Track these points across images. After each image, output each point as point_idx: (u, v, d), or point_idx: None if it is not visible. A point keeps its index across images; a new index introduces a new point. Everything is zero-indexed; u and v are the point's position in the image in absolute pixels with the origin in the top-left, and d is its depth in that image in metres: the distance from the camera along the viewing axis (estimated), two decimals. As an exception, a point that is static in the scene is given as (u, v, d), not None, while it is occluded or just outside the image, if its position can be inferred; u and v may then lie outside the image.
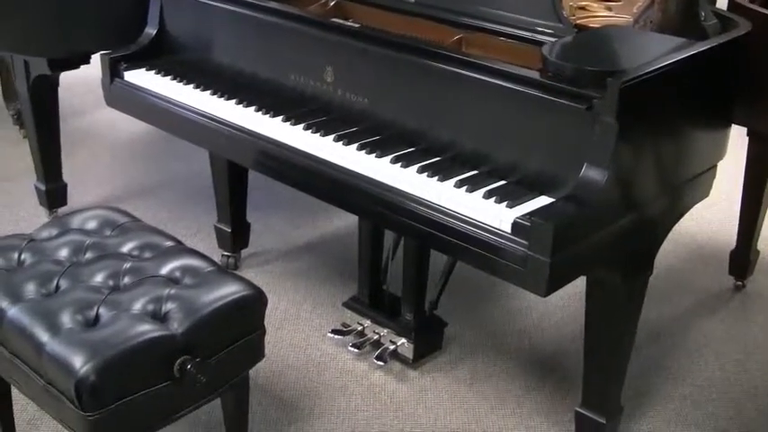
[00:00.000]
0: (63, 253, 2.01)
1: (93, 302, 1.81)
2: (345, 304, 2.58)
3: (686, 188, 2.08)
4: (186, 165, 3.69)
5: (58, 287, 1.88)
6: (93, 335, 1.71)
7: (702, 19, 2.13)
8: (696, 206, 2.18)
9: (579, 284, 2.01)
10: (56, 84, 3.02)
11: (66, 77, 3.01)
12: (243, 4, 2.36)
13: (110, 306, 1.80)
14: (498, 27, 2.09)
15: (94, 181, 3.56)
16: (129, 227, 2.14)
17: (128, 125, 3.96)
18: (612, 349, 2.09)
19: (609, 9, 2.33)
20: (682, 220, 2.17)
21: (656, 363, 2.56)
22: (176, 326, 1.76)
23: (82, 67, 2.96)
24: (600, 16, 2.28)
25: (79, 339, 1.69)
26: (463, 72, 1.92)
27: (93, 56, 2.94)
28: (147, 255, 2.02)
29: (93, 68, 2.85)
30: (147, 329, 1.72)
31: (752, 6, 2.45)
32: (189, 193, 3.48)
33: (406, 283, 2.43)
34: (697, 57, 1.93)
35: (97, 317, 1.78)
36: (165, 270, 1.94)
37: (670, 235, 2.15)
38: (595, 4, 2.36)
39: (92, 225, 2.14)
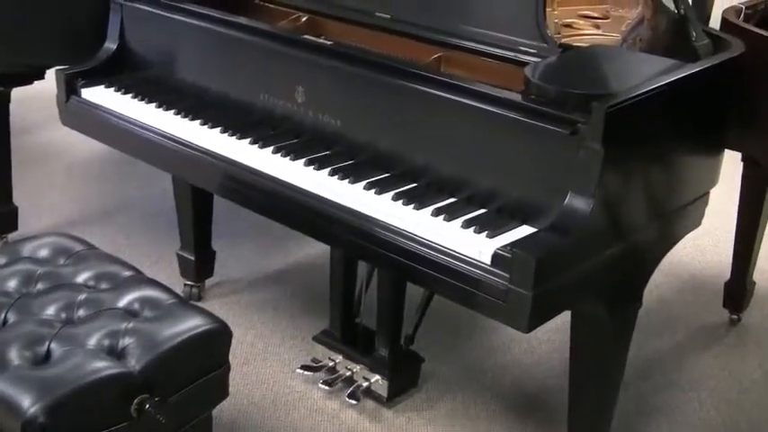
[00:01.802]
0: (12, 283, 2.00)
1: (45, 337, 1.80)
2: (316, 338, 2.58)
3: (677, 217, 2.11)
4: (146, 187, 3.69)
5: (5, 321, 1.88)
6: (44, 372, 1.70)
7: (694, 39, 2.17)
8: (688, 235, 2.21)
9: (564, 317, 2.03)
10: (7, 99, 3.02)
11: (18, 92, 3.01)
12: (209, 18, 2.38)
13: (62, 341, 1.79)
14: (479, 46, 2.12)
15: (47, 204, 3.55)
16: (85, 255, 2.14)
17: (84, 144, 3.93)
18: (599, 387, 2.11)
19: (596, 27, 2.37)
20: (673, 249, 2.20)
21: (645, 401, 2.58)
22: (134, 362, 1.76)
23: (35, 82, 2.97)
24: (587, 34, 2.32)
25: (28, 377, 1.68)
26: (441, 93, 1.94)
27: (47, 71, 2.95)
28: (104, 285, 2.02)
29: (48, 83, 2.85)
30: (103, 366, 1.72)
31: (746, 26, 2.49)
32: (149, 217, 3.47)
33: (380, 317, 2.44)
34: (688, 79, 1.96)
35: (48, 353, 1.78)
36: (122, 302, 1.94)
37: (660, 266, 2.17)
38: (582, 22, 2.39)
39: (44, 253, 2.14)
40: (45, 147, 4.09)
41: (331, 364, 2.50)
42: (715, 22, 2.68)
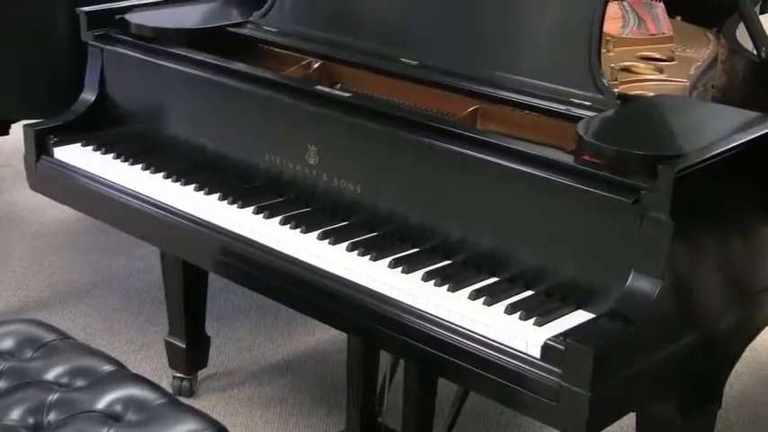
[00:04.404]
0: (-30, 382, 2.02)
1: (10, 446, 1.82)
2: (330, 442, 2.59)
3: (762, 298, 2.10)
4: (128, 260, 3.71)
5: (-38, 427, 1.89)
6: (9, 490, 1.71)
7: (778, 87, 2.18)
8: (775, 319, 2.21)
9: (627, 419, 2.02)
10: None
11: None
12: (205, 65, 2.42)
13: (31, 451, 1.81)
14: (522, 98, 2.13)
15: (11, 281, 3.58)
16: (56, 346, 2.14)
17: (54, 208, 3.97)
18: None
19: (660, 71, 2.39)
20: (758, 337, 2.19)
21: None
22: (116, 477, 1.77)
23: (-2, 138, 3.02)
24: (649, 80, 2.34)
25: (-9, 495, 1.70)
26: (479, 154, 1.95)
27: (12, 125, 3.00)
28: (80, 383, 2.03)
29: (12, 137, 2.90)
30: (79, 482, 1.73)
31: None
32: (132, 297, 3.49)
33: (406, 416, 2.44)
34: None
35: (14, 466, 1.79)
36: (101, 403, 1.95)
37: (744, 356, 2.17)
38: (642, 65, 2.41)
39: (7, 344, 2.14)
40: (7, 212, 4.12)
41: (348, 473, 2.50)
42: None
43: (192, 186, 2.35)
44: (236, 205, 2.25)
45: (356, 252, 2.05)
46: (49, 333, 2.19)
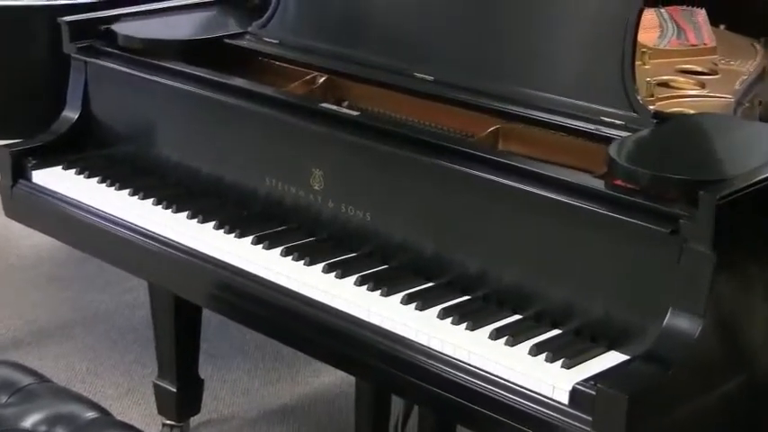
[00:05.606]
0: (-62, 431, 2.03)
1: (-17, 502, 1.82)
2: (337, 496, 2.59)
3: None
4: (113, 295, 3.71)
5: (-70, 481, 1.90)
6: None
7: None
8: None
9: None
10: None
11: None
12: (200, 81, 2.43)
13: (6, 507, 1.81)
14: (547, 116, 2.14)
15: (-16, 318, 3.59)
16: (34, 390, 2.14)
17: (31, 237, 3.98)
18: None
19: (701, 86, 2.39)
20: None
21: None
22: None
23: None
24: (689, 96, 2.33)
25: None
26: (500, 179, 1.96)
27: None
28: (60, 431, 2.03)
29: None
30: None
31: None
32: (117, 335, 3.49)
33: (421, 467, 2.45)
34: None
35: None
36: (84, 454, 1.96)
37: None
38: (682, 79, 2.41)
39: (-19, 389, 2.16)
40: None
41: None
42: None
43: (184, 213, 2.35)
44: (233, 234, 2.26)
45: (365, 286, 2.05)
46: (25, 376, 2.19)
